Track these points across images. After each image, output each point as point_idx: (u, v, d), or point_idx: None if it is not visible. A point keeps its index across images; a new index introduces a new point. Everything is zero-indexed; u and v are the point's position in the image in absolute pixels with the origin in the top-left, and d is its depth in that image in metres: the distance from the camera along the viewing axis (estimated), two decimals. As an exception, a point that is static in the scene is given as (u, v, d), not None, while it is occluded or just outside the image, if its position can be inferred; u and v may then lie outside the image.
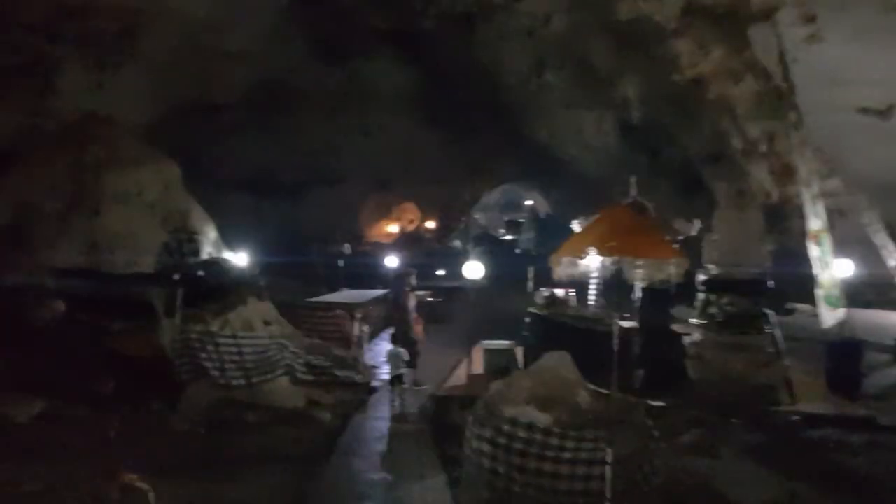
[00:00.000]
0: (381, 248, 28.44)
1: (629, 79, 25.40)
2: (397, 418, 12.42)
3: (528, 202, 41.64)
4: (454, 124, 31.25)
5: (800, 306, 16.04)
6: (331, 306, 16.81)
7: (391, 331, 15.15)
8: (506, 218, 42.46)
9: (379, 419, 12.45)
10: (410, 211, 34.43)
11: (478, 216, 42.17)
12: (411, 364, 14.07)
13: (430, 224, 35.47)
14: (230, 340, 11.77)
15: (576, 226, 16.19)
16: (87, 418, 10.80)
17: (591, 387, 8.24)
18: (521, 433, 7.10)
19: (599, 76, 25.95)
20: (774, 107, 18.84)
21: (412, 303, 15.66)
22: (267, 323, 13.81)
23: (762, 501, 8.55)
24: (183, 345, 11.57)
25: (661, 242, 8.30)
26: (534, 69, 27.28)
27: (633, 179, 15.56)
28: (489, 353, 13.75)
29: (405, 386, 13.27)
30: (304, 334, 16.47)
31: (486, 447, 7.19)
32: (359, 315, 15.89)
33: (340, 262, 21.42)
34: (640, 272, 11.51)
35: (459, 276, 18.22)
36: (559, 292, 14.20)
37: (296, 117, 29.66)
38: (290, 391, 12.67)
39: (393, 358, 13.41)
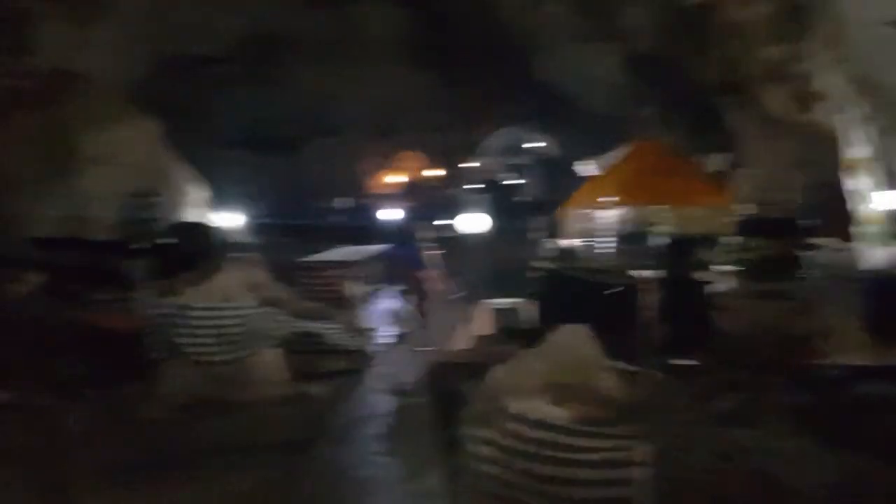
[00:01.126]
0: (383, 199, 26.69)
1: (635, 7, 23.33)
2: (395, 390, 10.88)
3: (531, 144, 39.40)
4: (453, 66, 29.24)
5: (824, 241, 14.39)
6: (324, 265, 15.22)
7: (396, 288, 13.56)
8: (510, 162, 40.40)
9: (374, 392, 10.92)
10: (413, 159, 32.55)
11: (479, 162, 40.12)
12: (420, 321, 12.73)
13: (434, 172, 33.61)
14: (207, 313, 10.17)
15: (582, 168, 14.46)
16: (51, 408, 9.28)
17: (617, 364, 6.57)
18: (531, 433, 5.50)
19: (603, 5, 23.89)
20: (792, 27, 17.00)
21: (424, 256, 13.97)
22: (254, 289, 12.23)
23: (825, 485, 6.95)
24: (154, 320, 9.98)
25: (705, 186, 6.71)
26: (533, 0, 25.18)
27: (642, 114, 13.82)
28: (494, 312, 12.19)
29: (408, 346, 11.86)
30: (300, 296, 14.99)
31: (487, 451, 5.59)
32: (354, 274, 14.28)
33: (338, 218, 19.69)
34: (668, 223, 9.89)
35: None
36: (568, 243, 12.52)
37: (289, 68, 27.70)
38: (279, 364, 11.10)
39: (397, 317, 12.00)
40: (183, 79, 25.67)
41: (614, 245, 13.08)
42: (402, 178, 32.48)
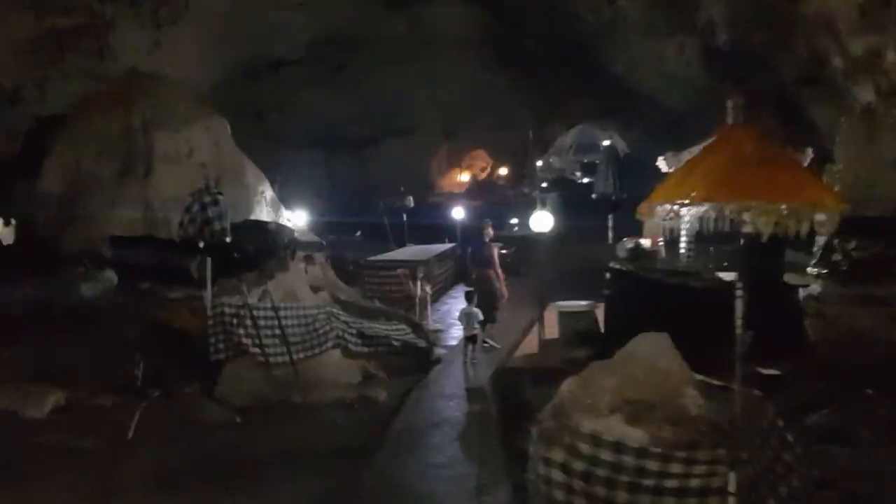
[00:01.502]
0: (451, 198, 26.17)
1: (713, -2, 22.18)
2: (460, 395, 10.34)
3: (605, 142, 38.18)
4: (524, 65, 28.52)
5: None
6: (391, 264, 14.80)
7: (465, 288, 12.96)
8: (583, 160, 39.33)
9: (440, 396, 10.37)
10: (481, 158, 31.98)
11: (551, 160, 39.14)
12: (490, 320, 12.10)
13: (503, 171, 32.93)
14: (270, 313, 9.81)
15: (662, 163, 13.61)
16: (110, 409, 9.06)
17: (701, 378, 5.86)
18: (606, 455, 4.85)
19: (680, -3, 22.79)
20: (883, 16, 15.69)
21: (494, 255, 13.24)
22: (317, 289, 11.89)
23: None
24: (217, 320, 9.67)
25: (810, 179, 5.99)
26: (608, -5, 24.25)
27: (730, 104, 12.79)
28: (565, 315, 11.49)
29: (476, 347, 11.26)
30: (366, 296, 14.60)
31: (557, 475, 4.96)
32: (421, 273, 13.78)
33: (405, 216, 19.28)
34: (757, 220, 8.95)
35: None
36: (645, 242, 11.69)
37: (361, 69, 27.48)
38: (343, 366, 10.71)
39: (466, 317, 11.41)
40: (259, 81, 25.75)
41: (695, 244, 12.19)
42: (471, 177, 31.97)
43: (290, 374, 9.81)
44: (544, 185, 33.11)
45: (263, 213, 15.70)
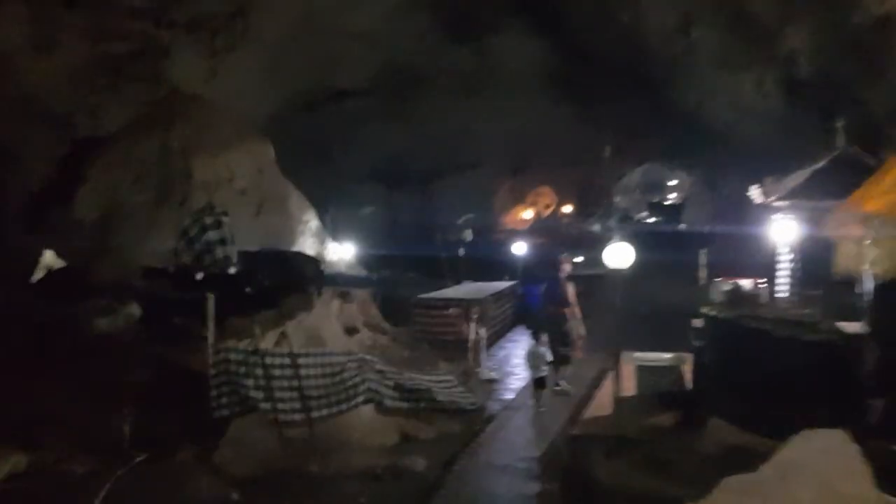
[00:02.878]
0: (514, 235, 23.82)
1: (796, 26, 19.39)
2: (515, 466, 7.92)
3: (672, 182, 35.26)
4: (591, 100, 26.18)
5: None
6: (444, 303, 12.54)
7: (525, 330, 10.68)
8: (651, 199, 36.47)
9: (490, 468, 8.00)
10: (546, 195, 29.55)
11: (617, 199, 36.37)
12: (562, 361, 9.91)
13: (567, 208, 30.41)
14: (286, 361, 7.63)
15: (756, 192, 11.10)
16: (80, 478, 6.96)
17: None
18: None
19: (759, 27, 20.13)
20: None
21: (571, 292, 11.00)
22: (353, 331, 9.68)
23: None
24: (221, 369, 7.53)
25: None
26: (681, 25, 21.73)
27: (839, 125, 10.50)
28: (644, 369, 9.01)
29: (545, 393, 8.98)
30: (415, 336, 12.37)
31: None
32: (476, 313, 11.48)
33: (462, 251, 16.97)
34: (884, 262, 6.59)
35: (600, 263, 13.52)
36: (745, 284, 9.12)
37: (425, 101, 25.54)
38: (375, 425, 8.44)
39: (533, 357, 9.21)
40: (319, 112, 24.09)
41: (790, 279, 9.65)
42: (535, 214, 29.55)
43: (307, 436, 7.59)
44: (610, 224, 30.54)
45: (307, 244, 13.69)
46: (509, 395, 10.38)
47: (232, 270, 7.55)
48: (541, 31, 25.22)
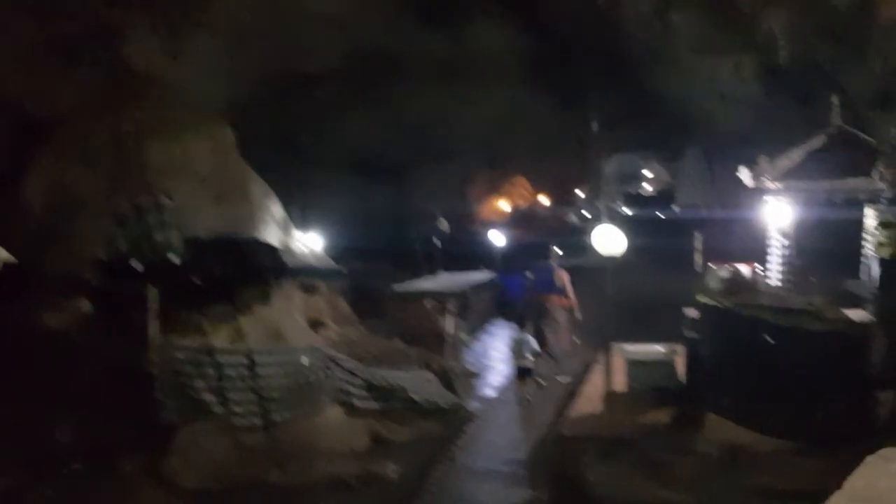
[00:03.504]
0: (491, 225, 23.02)
1: (774, 9, 18.82)
2: (498, 470, 7.13)
3: (646, 172, 34.84)
4: (567, 89, 25.40)
5: None
6: (419, 295, 11.71)
7: (505, 322, 9.96)
8: (627, 190, 35.91)
9: (471, 474, 7.20)
10: (522, 186, 28.79)
11: (594, 190, 35.83)
12: (546, 351, 9.26)
13: (544, 199, 29.71)
14: (241, 359, 6.75)
15: (745, 175, 10.42)
16: (6, 491, 6.04)
17: None
18: None
19: (736, 10, 19.51)
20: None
21: (566, 280, 10.32)
22: (319, 325, 8.81)
23: None
24: (166, 369, 6.62)
25: None
26: (658, 9, 20.98)
27: (835, 100, 9.88)
28: (635, 364, 8.25)
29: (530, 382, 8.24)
30: (389, 330, 11.52)
31: None
32: (453, 306, 10.67)
33: (438, 242, 16.12)
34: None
35: (579, 254, 12.78)
36: (744, 269, 8.38)
37: (399, 89, 24.52)
38: (344, 429, 7.58)
39: (518, 345, 8.51)
40: (289, 100, 23.03)
41: (786, 261, 8.98)
42: (512, 205, 28.79)
43: (267, 442, 6.73)
44: (587, 213, 29.90)
45: (271, 234, 12.74)
46: (490, 392, 9.58)
47: (175, 259, 6.64)
48: (517, 17, 24.38)
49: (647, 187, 36.02)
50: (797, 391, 6.82)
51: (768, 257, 9.68)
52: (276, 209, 13.53)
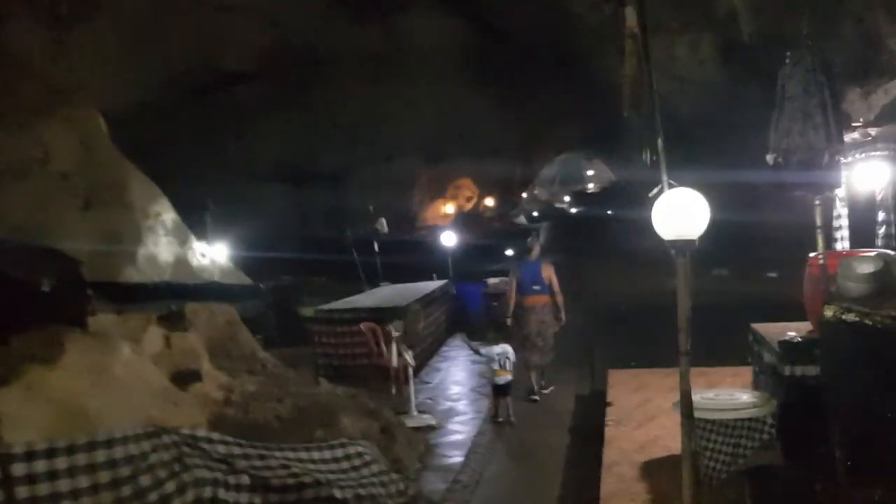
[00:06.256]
0: (436, 229, 19.57)
1: (733, -21, 16.14)
2: None
3: (590, 172, 31.90)
4: (510, 83, 22.28)
5: None
6: (352, 316, 8.17)
7: (465, 342, 6.87)
8: (570, 190, 32.98)
9: None
10: (466, 188, 25.52)
11: (536, 191, 32.79)
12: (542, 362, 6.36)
13: (489, 201, 26.51)
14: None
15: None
16: None
17: None
18: None
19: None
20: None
21: (553, 276, 7.44)
22: (188, 379, 5.16)
23: None
24: None
25: None
26: (607, -11, 17.97)
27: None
28: (713, 425, 4.62)
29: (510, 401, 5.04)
30: (315, 365, 7.94)
31: None
32: (397, 329, 7.15)
33: (377, 248, 12.52)
34: None
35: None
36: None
37: (330, 88, 20.91)
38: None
39: (498, 359, 5.46)
40: (211, 99, 19.17)
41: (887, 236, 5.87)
42: (456, 208, 25.44)
43: None
44: (535, 214, 26.82)
45: (160, 245, 9.10)
46: (456, 456, 6.06)
47: None
48: (453, 8, 21.13)
49: (590, 185, 33.18)
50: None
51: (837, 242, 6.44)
52: (167, 215, 9.77)
